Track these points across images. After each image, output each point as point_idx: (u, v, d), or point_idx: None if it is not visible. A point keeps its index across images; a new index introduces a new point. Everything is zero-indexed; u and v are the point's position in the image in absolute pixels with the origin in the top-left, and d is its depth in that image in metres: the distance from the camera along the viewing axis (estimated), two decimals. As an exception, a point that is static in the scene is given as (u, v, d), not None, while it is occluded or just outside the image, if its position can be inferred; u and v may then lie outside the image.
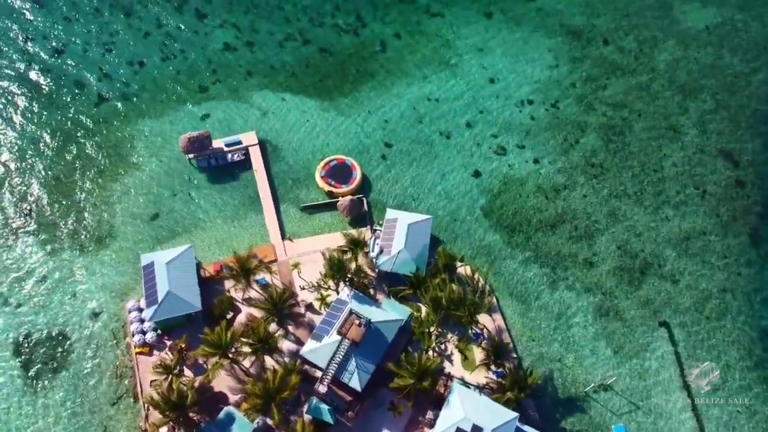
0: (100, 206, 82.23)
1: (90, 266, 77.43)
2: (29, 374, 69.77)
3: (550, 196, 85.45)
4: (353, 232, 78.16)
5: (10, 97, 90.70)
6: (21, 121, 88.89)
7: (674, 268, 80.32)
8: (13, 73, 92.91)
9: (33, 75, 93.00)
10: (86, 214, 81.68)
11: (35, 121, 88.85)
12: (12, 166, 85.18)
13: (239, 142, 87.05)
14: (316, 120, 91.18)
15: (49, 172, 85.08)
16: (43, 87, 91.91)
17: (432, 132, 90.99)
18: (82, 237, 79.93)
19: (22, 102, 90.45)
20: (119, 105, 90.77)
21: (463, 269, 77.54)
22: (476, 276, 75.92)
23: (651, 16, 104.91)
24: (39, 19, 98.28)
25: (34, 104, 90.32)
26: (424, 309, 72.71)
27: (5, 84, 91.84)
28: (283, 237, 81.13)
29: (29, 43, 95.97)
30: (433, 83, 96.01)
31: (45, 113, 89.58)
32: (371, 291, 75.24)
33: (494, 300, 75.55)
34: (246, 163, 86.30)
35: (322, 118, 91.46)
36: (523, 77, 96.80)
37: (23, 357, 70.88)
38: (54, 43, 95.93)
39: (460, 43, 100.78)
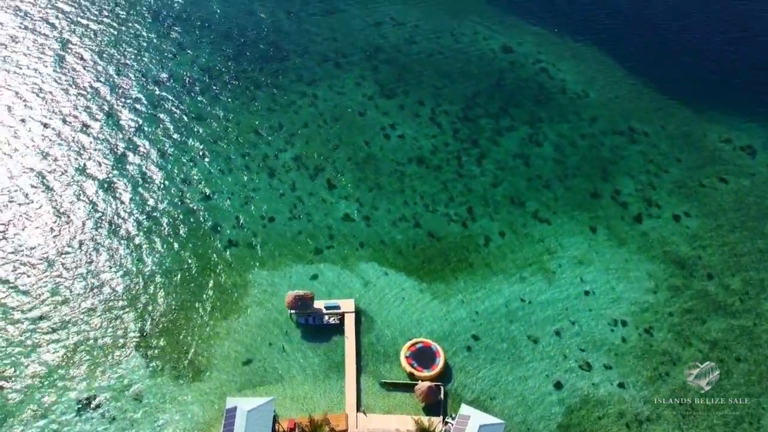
0: (204, 340, 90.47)
1: (179, 396, 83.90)
2: (100, 490, 74.68)
3: (632, 427, 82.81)
4: (425, 419, 79.50)
5: (156, 227, 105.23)
6: (158, 249, 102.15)
7: None
8: (164, 208, 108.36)
9: (181, 212, 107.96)
10: (190, 345, 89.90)
11: (170, 252, 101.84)
12: (139, 287, 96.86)
13: (337, 307, 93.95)
14: (411, 299, 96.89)
15: (170, 299, 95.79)
16: (186, 224, 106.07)
17: (520, 333, 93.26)
18: (181, 366, 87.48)
19: (164, 233, 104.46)
20: (244, 252, 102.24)
21: (528, 486, 75.66)
22: (540, 497, 73.67)
23: (762, 260, 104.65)
24: (199, 167, 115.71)
25: (173, 237, 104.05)
26: None
27: (155, 215, 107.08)
28: (358, 408, 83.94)
29: (185, 185, 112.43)
30: (529, 285, 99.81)
31: (181, 247, 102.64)
32: (431, 486, 74.95)
33: None
34: (339, 328, 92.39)
35: (417, 299, 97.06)
36: (620, 297, 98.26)
37: (100, 472, 76.42)
38: (205, 189, 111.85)
39: (562, 251, 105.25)
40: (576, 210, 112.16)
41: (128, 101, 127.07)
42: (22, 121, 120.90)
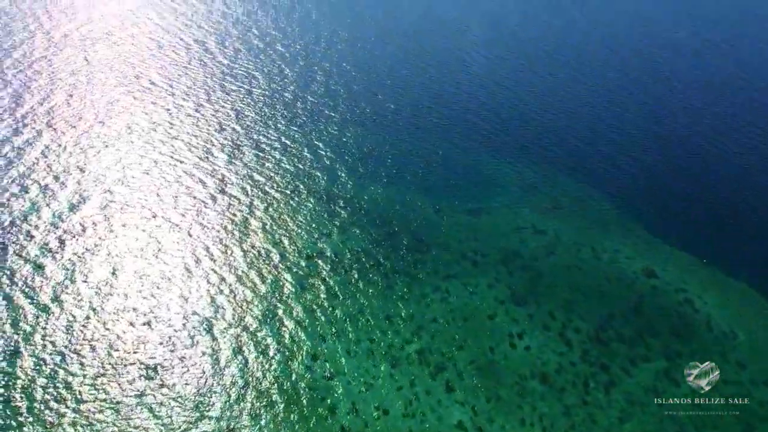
0: None
1: None
2: None
3: None
4: None
5: (277, 398, 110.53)
6: (272, 420, 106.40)
7: None
8: (288, 380, 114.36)
9: (302, 388, 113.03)
10: None
11: (283, 426, 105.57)
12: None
13: None
14: None
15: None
16: (304, 401, 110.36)
17: None
18: None
19: (281, 405, 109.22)
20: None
21: None
22: None
23: None
24: (328, 344, 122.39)
25: (290, 411, 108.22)
26: None
27: (277, 385, 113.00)
28: None
29: (312, 360, 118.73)
30: None
31: (293, 422, 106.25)
32: None
33: None
34: None
35: None
36: None
37: None
38: (329, 368, 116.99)
39: None
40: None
41: (282, 270, 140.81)
42: (204, 272, 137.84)
